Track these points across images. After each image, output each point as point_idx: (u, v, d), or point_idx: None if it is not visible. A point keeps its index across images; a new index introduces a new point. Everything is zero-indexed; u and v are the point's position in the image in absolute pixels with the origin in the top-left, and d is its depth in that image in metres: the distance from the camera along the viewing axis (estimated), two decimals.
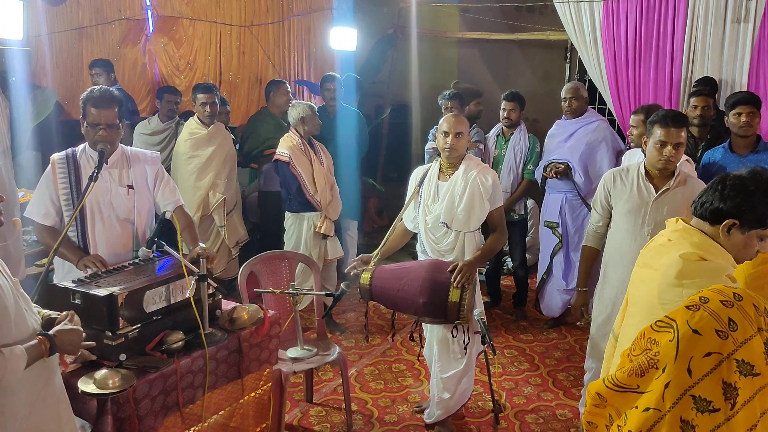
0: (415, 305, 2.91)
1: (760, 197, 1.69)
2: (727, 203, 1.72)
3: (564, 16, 5.14)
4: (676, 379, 1.37)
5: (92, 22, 5.44)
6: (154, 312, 2.37)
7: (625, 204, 2.87)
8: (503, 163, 4.62)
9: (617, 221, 2.91)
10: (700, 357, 1.35)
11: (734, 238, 1.72)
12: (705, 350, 1.35)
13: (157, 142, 4.84)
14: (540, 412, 3.57)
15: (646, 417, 1.39)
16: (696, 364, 1.35)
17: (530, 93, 5.11)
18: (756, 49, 4.42)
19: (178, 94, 5.04)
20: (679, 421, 1.35)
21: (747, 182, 1.72)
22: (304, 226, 4.38)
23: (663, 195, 2.78)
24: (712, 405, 1.31)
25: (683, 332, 1.38)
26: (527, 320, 4.79)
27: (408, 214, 3.26)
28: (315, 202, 4.31)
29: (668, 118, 2.75)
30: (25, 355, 1.75)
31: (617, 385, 1.50)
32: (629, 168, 2.93)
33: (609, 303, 2.94)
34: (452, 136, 3.02)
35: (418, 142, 6.40)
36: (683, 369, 1.36)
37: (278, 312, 2.95)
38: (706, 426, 1.31)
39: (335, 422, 3.44)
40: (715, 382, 1.32)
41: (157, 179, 2.94)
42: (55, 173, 2.76)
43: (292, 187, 4.29)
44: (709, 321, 1.37)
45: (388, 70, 6.91)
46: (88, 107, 2.70)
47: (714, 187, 1.78)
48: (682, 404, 1.35)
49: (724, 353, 1.33)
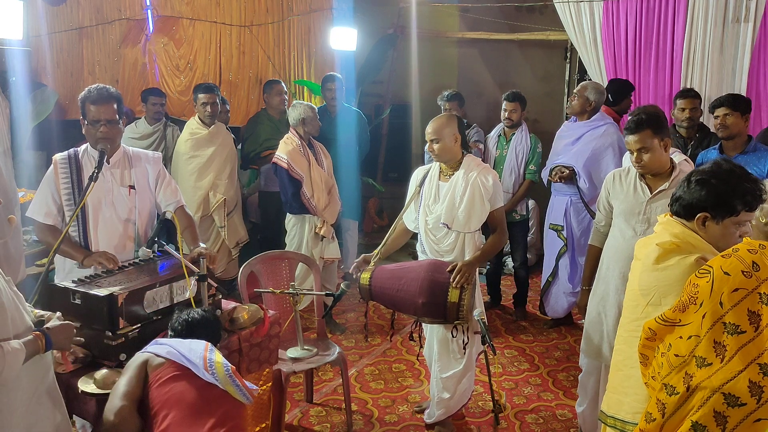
0: (415, 305, 2.91)
1: (722, 187, 1.88)
2: (695, 198, 1.91)
3: (564, 16, 5.13)
4: (711, 310, 1.67)
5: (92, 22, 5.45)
6: (155, 312, 2.37)
7: (621, 204, 2.88)
8: (505, 163, 4.61)
9: (615, 221, 2.93)
10: (729, 292, 1.65)
11: (710, 229, 1.92)
12: (733, 287, 1.65)
13: (146, 146, 4.75)
14: (540, 412, 3.57)
15: (689, 343, 1.72)
16: (726, 298, 1.65)
17: (530, 93, 5.10)
18: (756, 49, 4.42)
19: (163, 95, 5.02)
20: (713, 342, 1.66)
21: (708, 176, 1.91)
22: (306, 228, 4.38)
23: (657, 195, 2.78)
24: (740, 328, 1.62)
25: (717, 274, 1.68)
26: (527, 320, 4.79)
27: (408, 215, 3.26)
28: (311, 206, 4.29)
29: (626, 126, 2.77)
30: (24, 349, 1.76)
31: (665, 320, 1.82)
32: (630, 169, 2.93)
33: (600, 300, 2.95)
34: (430, 143, 3.05)
35: (418, 142, 6.40)
36: (716, 302, 1.66)
37: (278, 312, 2.95)
38: (735, 345, 1.62)
39: (335, 422, 3.44)
40: (742, 311, 1.62)
41: (158, 179, 2.95)
42: (57, 173, 2.77)
43: (289, 192, 4.27)
44: (737, 264, 1.66)
45: (388, 70, 6.92)
46: (88, 105, 2.71)
47: (682, 185, 1.97)
48: (715, 329, 1.66)
49: (749, 288, 1.63)
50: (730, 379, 1.61)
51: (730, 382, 1.61)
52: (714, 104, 3.58)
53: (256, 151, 5.01)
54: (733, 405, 1.59)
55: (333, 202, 4.50)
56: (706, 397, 1.63)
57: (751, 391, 1.58)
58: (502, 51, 6.70)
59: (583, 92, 4.30)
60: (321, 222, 4.34)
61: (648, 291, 1.99)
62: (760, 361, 1.58)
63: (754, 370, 1.58)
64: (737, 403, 1.59)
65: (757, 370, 1.58)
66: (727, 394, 1.60)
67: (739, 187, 1.88)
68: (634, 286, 2.05)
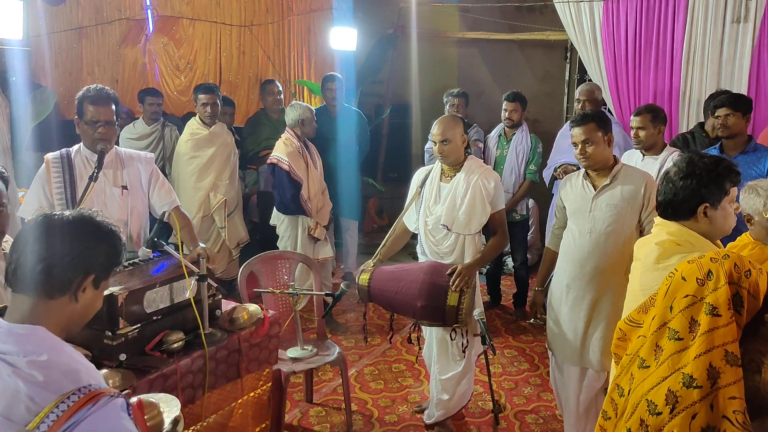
0: (413, 308, 2.90)
1: (710, 174, 1.92)
2: (688, 193, 1.93)
3: (564, 16, 5.14)
4: (660, 313, 1.68)
5: (92, 22, 5.45)
6: (154, 312, 2.37)
7: (571, 204, 2.95)
8: (505, 163, 4.62)
9: (568, 222, 3.00)
10: (681, 297, 1.64)
11: (713, 217, 1.94)
12: (685, 293, 1.63)
13: (144, 147, 4.76)
14: (540, 412, 3.57)
15: (637, 343, 1.75)
16: (676, 303, 1.65)
17: (530, 93, 5.10)
18: (756, 49, 4.42)
19: (160, 95, 5.01)
20: (655, 345, 1.66)
21: (690, 169, 1.94)
22: (299, 229, 4.37)
23: (600, 192, 2.83)
24: (678, 335, 1.60)
25: (676, 278, 1.68)
26: (527, 320, 4.79)
27: (409, 216, 3.25)
28: (308, 208, 4.29)
29: (572, 120, 2.89)
30: None
31: (631, 321, 1.86)
32: (579, 172, 2.99)
33: (555, 299, 3.01)
34: (439, 144, 3.02)
35: (418, 142, 6.40)
36: (667, 306, 1.66)
37: (278, 312, 2.95)
38: (669, 351, 1.59)
39: (335, 422, 3.44)
40: (686, 318, 1.60)
41: (151, 180, 2.94)
42: (49, 172, 2.76)
43: (288, 194, 4.25)
44: (695, 271, 1.64)
45: (388, 70, 6.91)
46: (86, 105, 2.70)
47: (665, 189, 1.99)
48: (659, 332, 1.66)
49: (698, 296, 1.60)
50: (655, 385, 1.57)
51: (654, 388, 1.57)
52: (715, 104, 3.57)
53: (255, 150, 5.01)
54: (652, 413, 1.55)
55: (326, 204, 4.50)
56: (636, 402, 1.61)
57: (667, 400, 1.53)
58: (502, 51, 6.70)
59: (592, 96, 4.36)
60: (314, 224, 4.34)
61: (649, 290, 1.99)
62: (685, 370, 1.53)
63: (676, 379, 1.53)
64: (655, 411, 1.55)
65: (679, 379, 1.53)
66: (650, 401, 1.56)
67: (721, 168, 1.94)
68: (635, 286, 2.05)
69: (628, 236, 2.74)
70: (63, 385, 1.28)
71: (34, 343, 1.32)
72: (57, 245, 1.37)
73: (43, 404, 1.25)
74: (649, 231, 2.20)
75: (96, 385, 1.31)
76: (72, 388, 1.27)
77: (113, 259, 1.45)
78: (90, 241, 1.41)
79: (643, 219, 2.77)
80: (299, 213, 4.32)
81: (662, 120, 3.46)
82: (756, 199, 2.25)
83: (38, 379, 1.27)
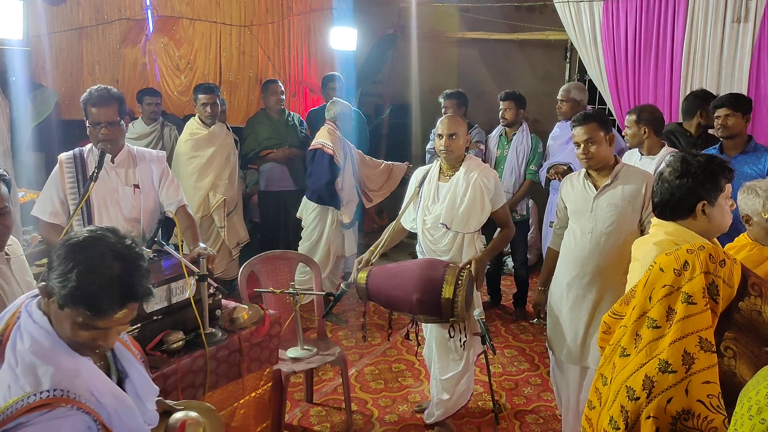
0: (410, 303, 2.91)
1: (702, 172, 1.93)
2: (685, 192, 1.94)
3: (564, 16, 5.13)
4: (640, 304, 1.72)
5: (92, 22, 5.45)
6: (154, 312, 2.37)
7: (573, 204, 2.96)
8: (505, 163, 4.62)
9: (570, 222, 3.00)
10: (659, 288, 1.68)
11: (710, 214, 1.95)
12: (663, 283, 1.68)
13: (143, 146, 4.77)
14: (540, 412, 3.57)
15: (619, 332, 1.80)
16: (655, 293, 1.69)
17: (530, 93, 5.11)
18: (756, 49, 4.42)
19: (159, 95, 5.01)
20: (635, 334, 1.70)
21: (685, 168, 1.95)
22: (328, 221, 4.41)
23: (602, 191, 2.84)
24: (656, 323, 1.65)
25: (654, 270, 1.73)
26: (527, 320, 4.79)
27: (407, 215, 3.26)
28: (341, 196, 4.38)
29: (574, 119, 2.90)
30: None
31: (614, 313, 1.90)
32: (581, 172, 3.00)
33: (556, 298, 3.02)
34: (446, 138, 3.05)
35: (418, 142, 6.40)
36: (646, 296, 1.71)
37: (278, 312, 2.95)
38: (647, 339, 1.64)
39: (335, 422, 3.44)
40: (663, 307, 1.65)
41: (162, 178, 2.96)
42: (62, 172, 2.80)
43: (324, 179, 4.31)
44: (672, 262, 1.69)
45: (388, 70, 6.91)
46: (89, 107, 2.75)
47: (661, 189, 2.00)
48: (639, 322, 1.71)
49: (675, 286, 1.65)
50: (633, 371, 1.62)
51: (633, 375, 1.61)
52: (715, 104, 3.57)
53: (255, 150, 5.01)
54: (631, 398, 1.59)
55: (354, 200, 4.58)
56: (617, 390, 1.65)
57: (644, 385, 1.57)
58: (502, 51, 6.70)
59: (568, 95, 4.44)
60: (342, 213, 4.45)
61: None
62: (661, 356, 1.57)
63: (653, 365, 1.58)
64: (633, 397, 1.59)
65: (655, 365, 1.57)
66: (629, 387, 1.60)
67: (715, 165, 1.95)
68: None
69: (629, 236, 2.74)
70: (25, 383, 1.34)
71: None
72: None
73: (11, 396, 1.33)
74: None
75: (63, 393, 1.34)
76: (29, 390, 1.32)
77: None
78: None
79: (643, 218, 2.77)
80: (331, 202, 4.37)
81: (649, 121, 3.45)
82: (755, 199, 2.26)
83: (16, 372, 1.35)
